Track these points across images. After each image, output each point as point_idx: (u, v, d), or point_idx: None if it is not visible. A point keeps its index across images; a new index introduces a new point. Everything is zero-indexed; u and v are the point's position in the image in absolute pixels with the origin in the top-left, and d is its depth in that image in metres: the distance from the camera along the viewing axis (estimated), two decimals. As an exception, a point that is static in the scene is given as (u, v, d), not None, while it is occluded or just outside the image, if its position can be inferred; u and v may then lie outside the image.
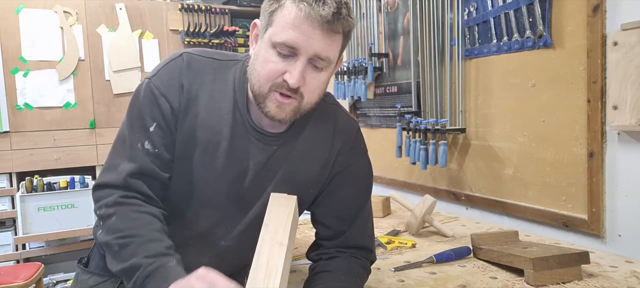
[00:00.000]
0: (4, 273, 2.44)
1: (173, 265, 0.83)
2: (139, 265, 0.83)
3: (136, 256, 0.84)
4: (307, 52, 0.86)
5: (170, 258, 0.85)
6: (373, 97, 2.49)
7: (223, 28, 3.48)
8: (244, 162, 0.98)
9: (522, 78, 1.64)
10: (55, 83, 3.10)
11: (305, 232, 1.68)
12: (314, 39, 0.85)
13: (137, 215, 0.90)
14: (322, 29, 0.85)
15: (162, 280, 0.80)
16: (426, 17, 2.00)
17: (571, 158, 1.49)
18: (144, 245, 0.85)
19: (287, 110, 0.90)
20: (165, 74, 0.96)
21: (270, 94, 0.89)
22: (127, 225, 0.88)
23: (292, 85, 0.87)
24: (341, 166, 1.05)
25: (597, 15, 1.37)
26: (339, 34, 0.88)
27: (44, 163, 3.09)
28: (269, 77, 0.88)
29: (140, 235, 0.87)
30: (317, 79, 0.90)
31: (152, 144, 0.94)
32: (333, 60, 0.91)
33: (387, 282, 1.19)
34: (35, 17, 3.03)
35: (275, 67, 0.87)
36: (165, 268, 0.82)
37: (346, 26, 0.88)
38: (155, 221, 0.91)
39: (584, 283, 1.14)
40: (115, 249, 0.87)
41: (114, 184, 0.93)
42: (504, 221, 1.77)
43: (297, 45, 0.85)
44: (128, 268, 0.84)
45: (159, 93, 0.94)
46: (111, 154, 0.97)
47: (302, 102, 0.91)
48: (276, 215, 0.90)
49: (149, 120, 0.94)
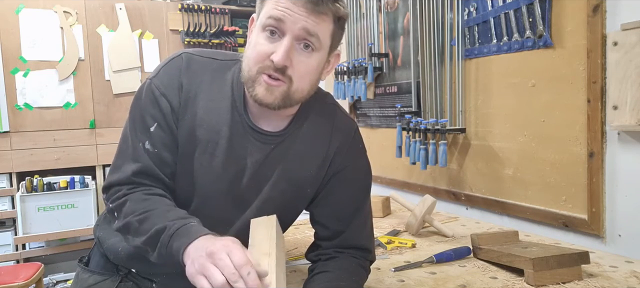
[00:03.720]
0: (4, 273, 2.44)
1: (196, 224, 0.85)
2: (162, 227, 0.85)
3: (158, 223, 0.86)
4: (293, 29, 0.86)
5: (191, 219, 0.86)
6: (373, 97, 2.49)
7: (223, 28, 3.48)
8: (242, 161, 0.98)
9: (522, 78, 1.64)
10: (55, 83, 3.10)
11: (305, 232, 1.68)
12: (299, 16, 0.86)
13: (149, 196, 0.93)
14: (306, 7, 0.86)
15: (187, 236, 0.81)
16: (426, 17, 2.00)
17: (571, 158, 1.49)
18: (163, 214, 0.88)
19: (275, 93, 0.89)
20: (165, 74, 0.97)
21: (258, 77, 0.89)
22: (141, 205, 0.91)
23: (277, 63, 0.86)
24: (339, 166, 1.06)
25: (597, 15, 1.37)
26: (327, 16, 0.89)
27: (44, 163, 3.09)
28: (257, 59, 0.89)
29: (156, 208, 0.90)
30: (305, 63, 0.90)
31: (152, 143, 0.95)
32: (323, 41, 0.90)
33: (387, 282, 1.19)
34: (35, 17, 3.03)
35: (262, 48, 0.88)
36: (188, 227, 0.83)
37: (334, 10, 0.89)
38: (166, 199, 0.94)
39: (584, 283, 1.14)
40: (135, 226, 0.89)
41: (120, 182, 0.95)
42: (504, 221, 1.77)
43: (283, 18, 0.86)
44: (152, 235, 0.86)
45: (159, 93, 0.95)
46: (116, 155, 0.99)
47: (291, 86, 0.90)
48: (259, 234, 0.89)
49: (150, 120, 0.96)
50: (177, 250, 0.81)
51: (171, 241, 0.82)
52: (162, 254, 0.84)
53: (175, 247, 0.81)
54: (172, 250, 0.82)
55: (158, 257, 0.86)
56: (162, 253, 0.85)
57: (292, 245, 1.52)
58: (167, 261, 0.84)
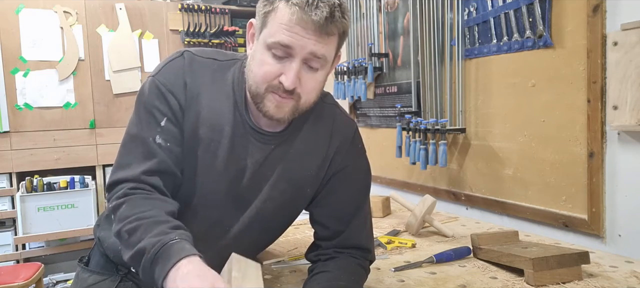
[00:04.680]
0: (4, 273, 2.44)
1: (175, 242, 0.80)
2: (143, 249, 0.80)
3: (142, 240, 0.81)
4: (301, 53, 0.86)
5: (172, 235, 0.81)
6: (373, 97, 2.49)
7: (223, 28, 3.48)
8: (242, 161, 0.99)
9: (522, 78, 1.64)
10: (55, 83, 3.10)
11: (305, 232, 1.68)
12: (307, 41, 0.85)
13: (145, 201, 0.88)
14: (315, 32, 0.85)
15: (167, 260, 0.77)
16: (426, 17, 2.00)
17: (571, 158, 1.49)
18: (150, 227, 0.83)
19: (285, 109, 0.91)
20: (169, 71, 0.97)
21: (267, 94, 0.89)
22: (135, 210, 0.86)
23: (287, 88, 0.87)
24: (338, 166, 1.06)
25: (597, 15, 1.37)
26: (334, 36, 0.89)
27: (44, 163, 3.09)
28: (264, 79, 0.88)
29: (147, 218, 0.85)
30: (313, 79, 0.90)
31: (164, 138, 0.94)
32: (329, 59, 0.91)
33: (387, 282, 1.19)
34: (35, 17, 3.03)
35: (270, 69, 0.88)
36: (168, 247, 0.79)
37: (341, 27, 0.88)
38: (165, 205, 0.90)
39: (584, 283, 1.14)
40: (125, 238, 0.86)
41: (126, 179, 0.91)
42: (504, 221, 1.77)
43: (291, 45, 0.85)
44: (135, 255, 0.82)
45: (165, 89, 0.94)
46: (122, 154, 0.96)
47: (299, 101, 0.91)
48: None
49: (160, 115, 0.94)
50: (158, 277, 0.77)
51: (152, 266, 0.79)
52: (146, 276, 0.81)
53: (157, 273, 0.78)
54: (154, 275, 0.79)
55: (143, 278, 0.82)
56: (146, 276, 0.81)
57: (292, 245, 1.52)
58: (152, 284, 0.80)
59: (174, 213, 0.90)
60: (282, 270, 1.29)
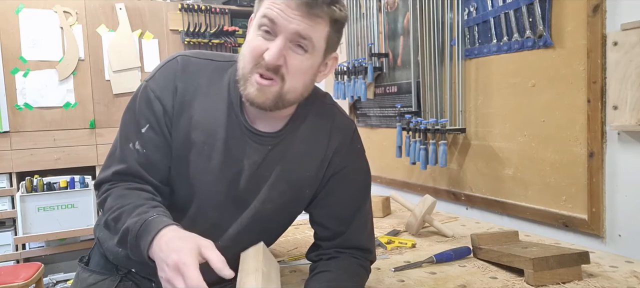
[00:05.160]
0: (4, 273, 2.44)
1: (155, 217, 0.85)
2: (127, 229, 0.86)
3: (126, 223, 0.88)
4: (286, 30, 0.86)
5: (151, 212, 0.87)
6: (373, 97, 2.49)
7: (223, 28, 3.48)
8: (239, 162, 0.98)
9: (522, 78, 1.64)
10: (55, 83, 3.10)
11: (305, 232, 1.68)
12: (292, 18, 0.85)
13: (126, 191, 0.94)
14: (300, 10, 0.85)
15: (148, 233, 0.83)
16: (426, 17, 2.00)
17: (571, 158, 1.49)
18: (131, 211, 0.89)
19: (267, 93, 0.89)
20: (161, 77, 0.98)
21: (251, 76, 0.89)
22: (118, 201, 0.92)
23: (269, 61, 0.86)
24: (338, 166, 1.05)
25: (597, 15, 1.37)
26: (322, 19, 0.88)
27: (44, 163, 3.09)
28: (251, 56, 0.89)
29: (128, 203, 0.91)
30: (299, 61, 0.89)
31: (142, 144, 0.96)
32: (317, 45, 0.89)
33: (387, 282, 1.19)
34: (35, 17, 3.03)
35: (257, 44, 0.88)
36: (147, 223, 0.84)
37: (330, 13, 0.88)
38: (142, 193, 0.95)
39: (584, 283, 1.14)
40: (111, 226, 0.93)
41: (105, 180, 0.98)
42: (504, 221, 1.77)
43: (275, 20, 0.85)
44: (121, 237, 0.88)
45: (153, 96, 0.96)
46: (107, 156, 1.02)
47: (283, 86, 0.89)
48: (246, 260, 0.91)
49: (143, 122, 0.97)
50: (144, 249, 0.83)
51: (137, 241, 0.84)
52: (135, 254, 0.87)
53: (142, 246, 0.83)
54: (141, 250, 0.84)
55: (133, 257, 0.88)
56: (134, 254, 0.87)
57: (292, 245, 1.52)
58: (141, 260, 0.85)
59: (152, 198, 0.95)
60: (282, 270, 1.29)
